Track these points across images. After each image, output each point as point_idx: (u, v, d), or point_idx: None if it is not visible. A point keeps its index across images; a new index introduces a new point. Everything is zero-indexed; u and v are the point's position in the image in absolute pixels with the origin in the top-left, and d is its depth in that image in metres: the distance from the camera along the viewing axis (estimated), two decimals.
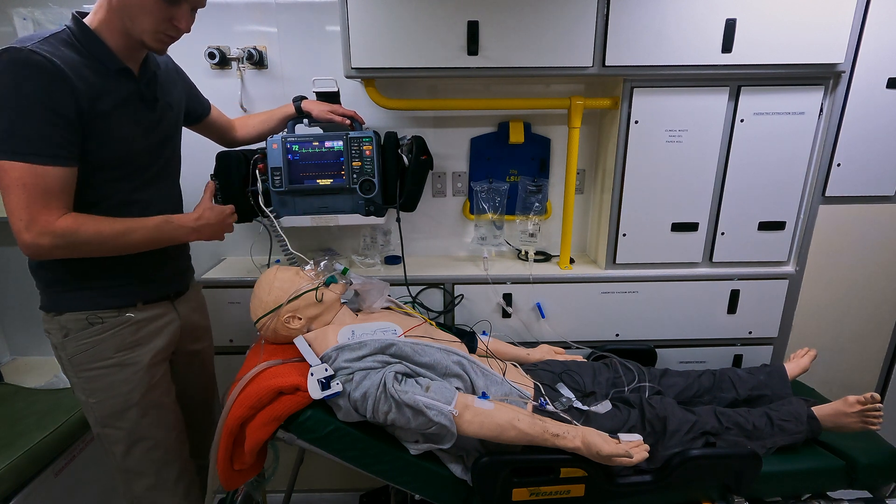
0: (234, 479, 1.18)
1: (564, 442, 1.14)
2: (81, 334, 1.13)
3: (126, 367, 1.18)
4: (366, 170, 1.53)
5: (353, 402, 1.11)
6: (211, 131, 1.50)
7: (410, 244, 1.86)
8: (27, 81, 0.94)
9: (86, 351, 1.14)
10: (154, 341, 1.23)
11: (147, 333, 1.21)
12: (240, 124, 1.57)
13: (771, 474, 1.27)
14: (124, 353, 1.17)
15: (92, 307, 1.14)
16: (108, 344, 1.15)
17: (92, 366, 1.15)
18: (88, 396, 1.18)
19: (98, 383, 1.17)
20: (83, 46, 1.03)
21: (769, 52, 1.46)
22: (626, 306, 1.72)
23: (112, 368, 1.16)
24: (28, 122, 0.95)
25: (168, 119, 1.23)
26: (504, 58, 1.46)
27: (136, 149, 1.13)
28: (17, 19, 1.62)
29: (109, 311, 1.15)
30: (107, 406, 1.18)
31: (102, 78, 1.04)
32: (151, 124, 1.17)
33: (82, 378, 1.16)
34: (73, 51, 1.02)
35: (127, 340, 1.17)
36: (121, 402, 1.18)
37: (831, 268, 1.74)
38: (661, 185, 1.62)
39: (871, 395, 1.27)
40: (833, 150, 1.61)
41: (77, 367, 1.16)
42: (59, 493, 1.45)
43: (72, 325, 1.13)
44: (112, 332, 1.16)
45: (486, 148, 1.80)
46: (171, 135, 1.26)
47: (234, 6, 1.64)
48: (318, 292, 1.30)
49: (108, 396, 1.17)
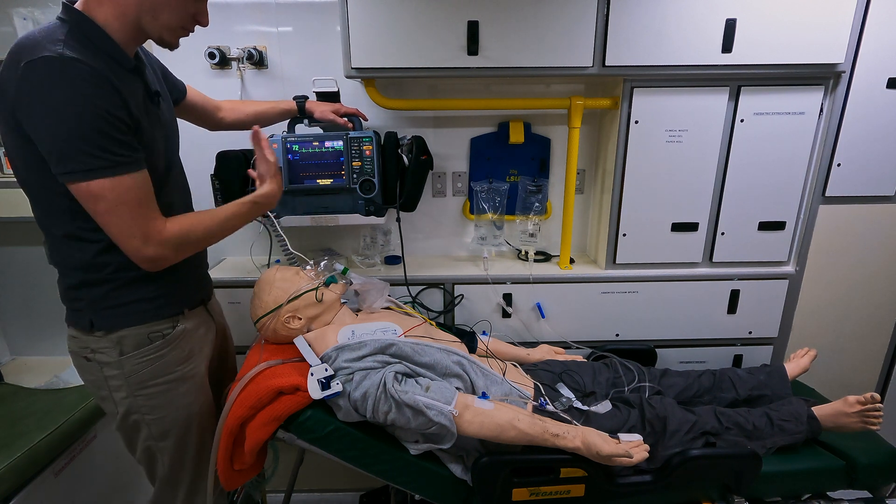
0: (234, 479, 1.18)
1: (564, 442, 1.14)
2: (142, 351, 1.09)
3: (187, 379, 1.16)
4: (366, 170, 1.53)
5: (353, 402, 1.11)
6: (191, 114, 1.40)
7: (410, 244, 1.86)
8: (80, 90, 0.86)
9: (144, 370, 1.10)
10: (205, 349, 1.22)
11: (198, 341, 1.20)
12: (230, 107, 1.48)
13: (771, 474, 1.27)
14: (185, 365, 1.15)
15: (148, 319, 1.09)
16: (168, 359, 1.12)
17: (154, 382, 1.11)
18: (146, 414, 1.13)
19: (159, 399, 1.13)
20: (96, 45, 0.93)
21: (769, 52, 1.46)
22: (626, 306, 1.72)
23: (175, 383, 1.14)
24: (100, 132, 0.89)
25: (167, 111, 1.16)
26: (504, 58, 1.46)
27: (157, 151, 1.08)
28: (17, 19, 1.62)
29: (164, 321, 1.12)
30: (167, 421, 1.15)
31: (123, 80, 0.97)
32: (158, 119, 1.10)
33: (141, 397, 1.11)
34: (92, 52, 0.92)
35: (185, 352, 1.15)
36: (183, 414, 1.16)
37: (831, 268, 1.74)
38: (661, 185, 1.62)
39: (871, 396, 1.27)
40: (833, 150, 1.61)
41: (136, 386, 1.10)
42: (59, 493, 1.45)
43: (129, 342, 1.08)
44: (171, 346, 1.12)
45: (486, 148, 1.80)
46: (174, 128, 1.20)
47: (234, 6, 1.64)
48: (318, 292, 1.30)
49: (171, 411, 1.14)
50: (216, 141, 1.55)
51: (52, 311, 1.88)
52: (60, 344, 1.91)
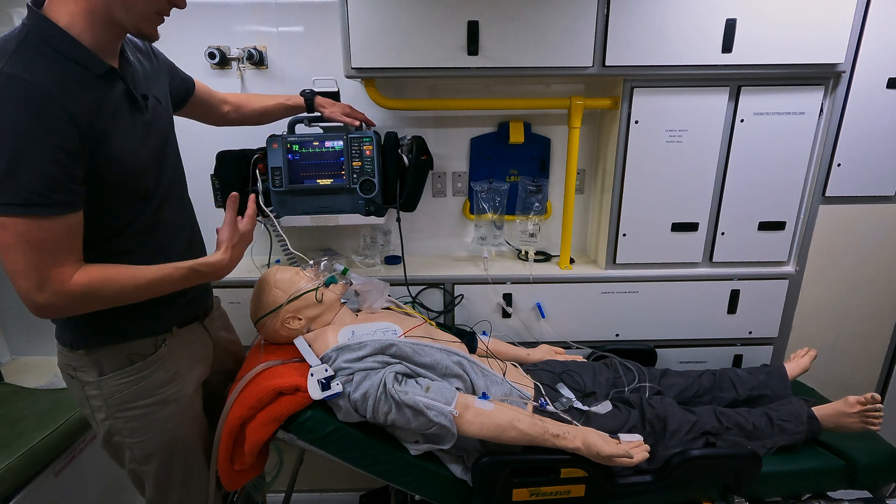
0: (234, 479, 1.18)
1: (564, 442, 1.14)
2: (121, 373, 1.02)
3: (171, 402, 1.09)
4: (366, 170, 1.53)
5: (354, 402, 1.11)
6: (197, 109, 1.32)
7: (410, 244, 1.86)
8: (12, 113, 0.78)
9: (124, 391, 1.03)
10: (195, 369, 1.15)
11: (187, 361, 1.13)
12: (235, 102, 1.41)
13: (771, 474, 1.27)
14: (168, 388, 1.08)
15: (130, 337, 1.03)
16: (150, 381, 1.05)
17: (134, 404, 1.05)
18: (127, 437, 1.07)
19: (140, 422, 1.06)
20: (55, 49, 0.84)
21: (769, 52, 1.46)
22: (626, 306, 1.72)
23: (157, 406, 1.07)
24: (23, 164, 0.79)
25: (160, 117, 1.07)
26: (504, 58, 1.46)
27: (140, 162, 0.98)
28: (17, 19, 1.62)
29: (147, 340, 1.05)
30: (149, 445, 1.09)
31: (89, 87, 0.87)
32: (145, 128, 1.00)
33: (121, 419, 1.05)
34: (51, 61, 0.83)
35: (170, 373, 1.08)
36: (165, 438, 1.10)
37: (831, 268, 1.74)
38: (661, 185, 1.62)
39: (871, 396, 1.27)
40: (833, 150, 1.61)
41: (115, 408, 1.04)
42: (59, 493, 1.45)
43: (108, 362, 1.02)
44: (154, 367, 1.05)
45: (486, 148, 1.80)
46: (168, 135, 1.10)
47: (234, 6, 1.64)
48: (318, 292, 1.30)
49: (152, 435, 1.08)
50: (216, 141, 1.55)
51: None
52: None
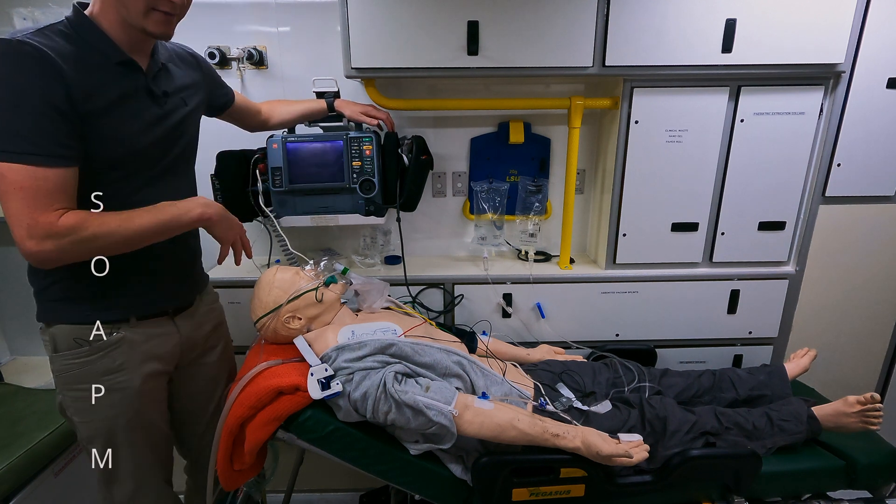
0: (234, 479, 1.18)
1: (564, 442, 1.14)
2: (67, 354, 1.06)
3: (113, 391, 1.09)
4: (366, 170, 1.53)
5: (353, 402, 1.11)
6: (236, 118, 1.47)
7: (410, 244, 1.86)
8: (16, 73, 0.88)
9: (71, 371, 1.07)
10: (147, 363, 1.13)
11: (139, 354, 1.12)
12: (268, 109, 1.53)
13: (771, 474, 1.27)
14: (113, 377, 1.09)
15: (81, 320, 1.06)
16: (95, 367, 1.07)
17: (76, 386, 1.08)
18: (73, 415, 1.12)
19: (83, 404, 1.09)
20: (80, 36, 0.96)
21: (769, 52, 1.46)
22: (626, 306, 1.72)
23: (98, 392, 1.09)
24: (22, 117, 0.88)
25: (179, 113, 1.14)
26: (504, 58, 1.46)
27: (140, 145, 1.05)
28: (17, 19, 1.61)
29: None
30: (91, 427, 1.11)
31: (102, 71, 0.97)
32: (157, 119, 1.08)
33: (67, 397, 1.10)
34: (69, 41, 0.94)
35: (116, 363, 1.09)
36: (106, 425, 1.11)
37: (831, 268, 1.74)
38: (661, 185, 1.62)
39: (871, 396, 1.27)
40: (833, 150, 1.61)
41: (63, 385, 1.10)
42: (59, 493, 1.45)
43: (60, 341, 1.06)
44: (100, 354, 1.07)
45: (486, 148, 1.80)
46: (182, 129, 1.15)
47: (234, 6, 1.64)
48: (318, 292, 1.30)
49: (94, 419, 1.10)
50: (216, 141, 1.55)
51: None
52: None
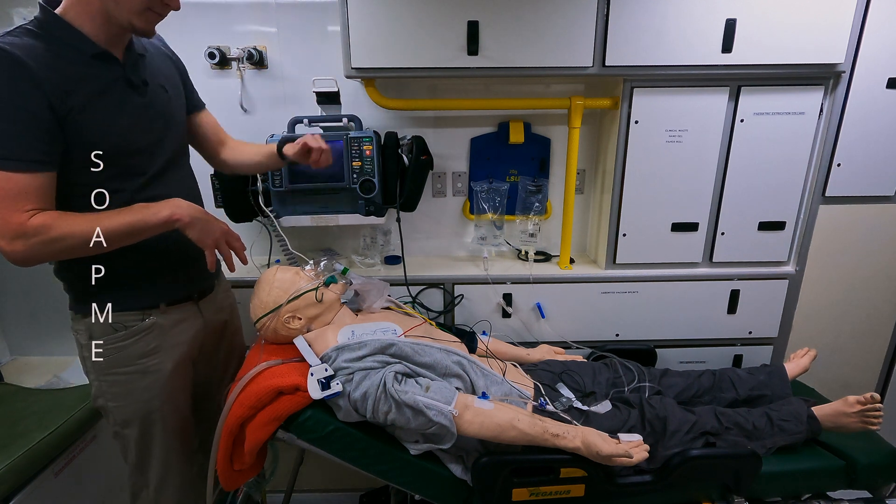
0: (233, 479, 1.18)
1: (564, 442, 1.14)
2: (107, 339, 1.11)
3: (148, 374, 1.15)
4: (366, 170, 1.53)
5: (353, 402, 1.11)
6: (199, 136, 1.33)
7: (410, 244, 1.86)
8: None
9: (112, 356, 1.12)
10: (178, 347, 1.20)
11: (171, 338, 1.18)
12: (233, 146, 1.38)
13: (771, 474, 1.27)
14: (147, 360, 1.15)
15: (116, 309, 1.10)
16: (131, 350, 1.13)
17: (114, 370, 1.13)
18: (108, 400, 1.16)
19: (120, 388, 1.15)
20: (51, 34, 0.95)
21: (769, 52, 1.46)
22: (626, 306, 1.72)
23: (134, 375, 1.14)
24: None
25: (162, 101, 1.13)
26: (504, 58, 1.46)
27: (132, 138, 1.05)
28: (17, 19, 1.61)
29: (133, 313, 1.12)
30: (127, 411, 1.17)
31: (76, 66, 0.96)
32: (142, 108, 1.07)
33: (104, 382, 1.14)
34: (39, 40, 0.93)
35: (151, 346, 1.15)
36: (141, 407, 1.17)
37: (831, 268, 1.74)
38: (661, 185, 1.62)
39: (871, 396, 1.27)
40: (833, 150, 1.61)
41: (98, 371, 1.13)
42: (59, 493, 1.45)
43: (97, 329, 1.10)
44: (136, 338, 1.13)
45: (486, 148, 1.80)
46: (171, 118, 1.15)
47: (234, 6, 1.64)
48: (318, 292, 1.30)
49: (129, 402, 1.16)
50: None
51: (52, 311, 1.87)
52: (60, 344, 1.93)
